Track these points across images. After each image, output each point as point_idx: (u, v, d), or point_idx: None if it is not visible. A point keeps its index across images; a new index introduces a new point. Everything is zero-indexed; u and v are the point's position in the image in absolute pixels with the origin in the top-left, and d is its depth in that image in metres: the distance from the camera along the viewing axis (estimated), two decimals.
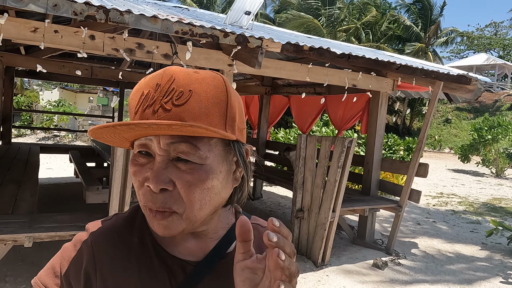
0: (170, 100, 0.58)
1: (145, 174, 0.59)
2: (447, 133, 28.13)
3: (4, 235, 2.83)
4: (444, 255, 4.97)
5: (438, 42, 29.02)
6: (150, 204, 0.59)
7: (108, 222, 0.71)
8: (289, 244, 0.50)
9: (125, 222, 0.70)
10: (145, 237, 0.68)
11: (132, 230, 0.69)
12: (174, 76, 0.59)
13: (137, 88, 0.62)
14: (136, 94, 0.61)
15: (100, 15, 2.51)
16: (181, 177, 0.58)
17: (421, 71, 4.08)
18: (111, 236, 0.68)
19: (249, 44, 3.05)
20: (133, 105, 0.61)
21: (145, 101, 0.59)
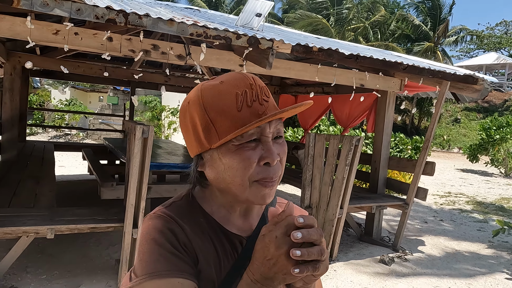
0: (265, 94, 0.76)
1: (259, 154, 0.74)
2: (456, 133, 27.98)
3: (27, 227, 2.99)
4: (450, 252, 5.04)
5: (447, 41, 28.85)
6: (269, 175, 0.74)
7: (173, 208, 0.80)
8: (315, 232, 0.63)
9: (186, 207, 0.82)
10: (208, 218, 0.81)
11: (194, 212, 0.81)
12: (253, 76, 0.78)
13: (222, 90, 0.74)
14: (227, 95, 0.74)
15: (120, 18, 2.65)
16: (281, 149, 0.77)
17: (428, 71, 4.16)
18: (183, 217, 0.78)
19: (260, 45, 3.17)
20: (231, 104, 0.73)
21: (247, 98, 0.73)
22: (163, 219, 0.77)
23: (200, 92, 0.76)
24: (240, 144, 0.74)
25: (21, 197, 3.67)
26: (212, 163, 0.77)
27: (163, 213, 0.79)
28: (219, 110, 0.74)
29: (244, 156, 0.73)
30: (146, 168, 3.03)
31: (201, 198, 0.85)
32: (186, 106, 0.79)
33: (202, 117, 0.75)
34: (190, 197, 0.85)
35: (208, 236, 0.80)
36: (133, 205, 3.09)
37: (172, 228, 0.76)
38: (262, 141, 0.74)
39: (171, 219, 0.77)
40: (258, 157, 0.74)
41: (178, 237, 0.75)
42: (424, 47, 26.16)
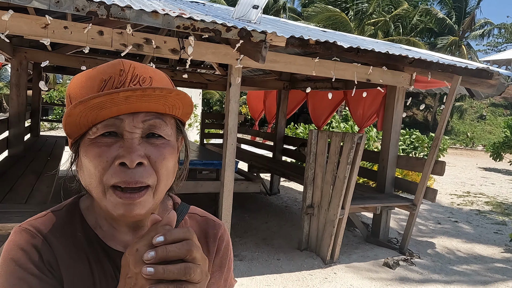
0: (138, 83, 0.63)
1: (114, 153, 0.61)
2: (481, 130, 27.02)
3: (15, 224, 2.96)
4: (462, 256, 4.79)
5: (473, 35, 27.84)
6: (126, 179, 0.60)
7: (46, 220, 0.70)
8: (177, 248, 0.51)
9: (65, 218, 0.71)
10: (88, 232, 0.71)
11: (73, 225, 0.70)
12: (134, 65, 0.64)
13: (89, 75, 0.63)
14: (91, 80, 0.62)
15: (102, 11, 2.57)
16: (155, 150, 0.63)
17: (437, 65, 3.92)
18: (56, 231, 0.69)
19: (252, 38, 3.03)
20: (91, 90, 0.61)
21: (110, 84, 0.61)
22: (27, 234, 0.67)
23: (70, 82, 0.67)
24: (95, 138, 0.62)
25: (16, 193, 3.67)
26: (78, 162, 0.67)
27: (30, 226, 0.69)
28: (76, 97, 0.63)
29: (95, 152, 0.62)
30: None
31: (86, 208, 0.74)
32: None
33: (67, 105, 0.66)
34: (73, 206, 0.74)
35: (84, 255, 0.68)
36: None
37: (35, 244, 0.65)
38: (124, 137, 0.62)
39: (38, 234, 0.67)
40: (114, 156, 0.61)
41: (43, 256, 0.65)
42: (448, 41, 25.31)
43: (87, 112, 0.59)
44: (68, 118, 0.60)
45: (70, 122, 0.61)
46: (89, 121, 0.61)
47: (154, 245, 0.51)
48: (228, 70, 3.88)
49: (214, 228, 0.83)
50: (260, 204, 6.57)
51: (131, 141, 0.62)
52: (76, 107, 0.57)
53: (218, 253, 0.81)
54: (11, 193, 3.64)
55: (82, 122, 0.61)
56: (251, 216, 5.76)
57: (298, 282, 3.68)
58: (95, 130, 0.62)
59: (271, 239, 4.81)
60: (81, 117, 0.59)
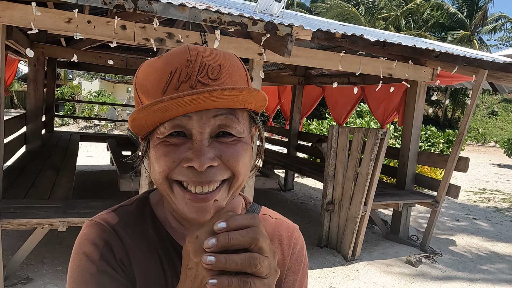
0: (206, 75, 0.57)
1: (182, 155, 0.57)
2: (493, 126, 26.70)
3: (41, 219, 2.96)
4: (484, 254, 4.71)
5: (485, 30, 27.42)
6: (195, 179, 0.57)
7: (117, 214, 0.68)
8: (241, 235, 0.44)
9: (135, 214, 0.68)
10: (160, 230, 0.67)
11: (144, 221, 0.68)
12: (202, 53, 0.58)
13: (157, 67, 0.58)
14: (157, 73, 0.58)
15: (129, 4, 2.53)
16: (227, 149, 0.58)
17: (463, 59, 3.83)
18: (128, 227, 0.66)
19: (279, 32, 2.98)
20: (158, 85, 0.57)
21: (176, 78, 0.56)
22: (99, 228, 0.64)
23: (138, 69, 0.62)
24: (163, 138, 0.58)
25: (38, 188, 3.67)
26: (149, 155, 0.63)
27: (102, 220, 0.65)
28: (145, 91, 0.59)
29: (162, 152, 0.57)
30: None
31: (156, 204, 0.70)
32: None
33: (135, 98, 0.62)
34: (143, 201, 0.70)
35: (156, 253, 0.65)
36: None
37: (108, 240, 0.63)
38: (193, 138, 0.57)
39: (110, 228, 0.64)
40: (182, 158, 0.57)
41: (115, 252, 0.62)
42: (459, 35, 24.96)
43: (152, 115, 0.55)
44: (133, 121, 0.56)
45: (136, 125, 0.58)
46: (156, 121, 0.57)
47: (215, 232, 0.45)
48: (250, 65, 3.82)
49: (288, 231, 0.78)
50: (275, 201, 6.53)
51: (200, 142, 0.57)
52: (140, 112, 0.54)
53: (292, 256, 0.77)
54: (34, 189, 3.64)
55: (148, 123, 0.57)
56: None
57: (321, 280, 3.64)
58: (163, 130, 0.58)
59: None
60: (146, 119, 0.56)
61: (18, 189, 3.56)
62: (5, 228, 2.92)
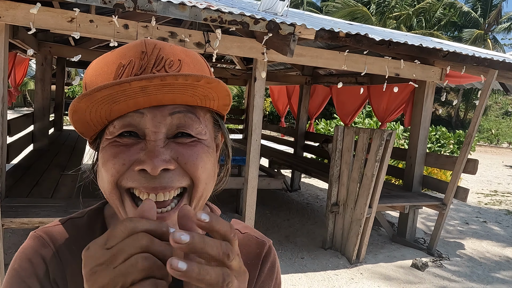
0: (163, 68, 0.51)
1: (133, 156, 0.50)
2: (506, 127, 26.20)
3: (43, 218, 2.96)
4: (494, 259, 4.60)
5: (499, 28, 26.92)
6: (147, 185, 0.49)
7: (64, 228, 0.62)
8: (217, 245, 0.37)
9: (84, 227, 0.62)
10: None
11: (93, 236, 0.60)
12: (159, 46, 0.53)
13: (107, 60, 0.53)
14: (108, 66, 0.52)
15: (128, 3, 2.51)
16: (185, 150, 0.52)
17: (472, 59, 3.74)
18: (72, 243, 0.60)
19: (281, 31, 2.93)
20: (107, 78, 0.51)
21: (128, 70, 0.50)
22: (39, 243, 0.59)
23: (89, 65, 0.56)
24: (112, 138, 0.52)
25: (42, 187, 3.69)
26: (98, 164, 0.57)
27: (45, 233, 0.60)
28: (92, 84, 0.53)
29: (110, 153, 0.51)
30: None
31: (110, 216, 0.64)
32: None
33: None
34: (96, 212, 0.64)
35: None
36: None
37: (45, 257, 0.57)
38: (146, 138, 0.51)
39: (51, 244, 0.59)
40: (133, 160, 0.50)
41: (50, 271, 0.57)
42: (473, 35, 24.55)
43: (97, 107, 0.48)
44: (75, 114, 0.49)
45: (78, 119, 0.50)
46: (103, 118, 0.51)
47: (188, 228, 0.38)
48: (253, 65, 3.79)
49: (257, 247, 0.70)
50: (281, 201, 6.49)
51: (154, 143, 0.50)
52: (80, 101, 0.47)
53: (260, 276, 0.68)
54: (37, 187, 3.66)
55: (94, 118, 0.51)
56: (272, 213, 5.69)
57: (324, 282, 3.59)
58: (113, 130, 0.51)
59: (294, 236, 4.73)
60: (91, 113, 0.49)
61: (22, 188, 3.58)
62: (7, 226, 2.93)
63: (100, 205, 0.66)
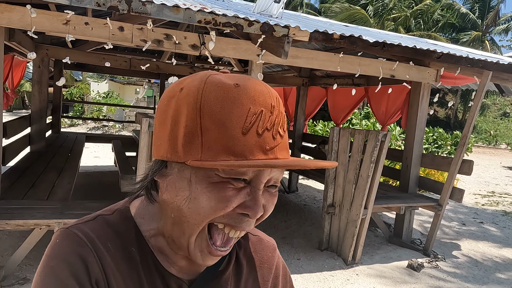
0: (282, 127, 0.56)
1: (242, 200, 0.55)
2: (505, 128, 26.26)
3: (38, 220, 2.97)
4: (490, 260, 4.61)
5: (496, 30, 27.01)
6: (235, 225, 0.56)
7: (96, 225, 0.60)
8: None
9: (117, 226, 0.62)
10: (144, 249, 0.61)
11: (126, 236, 0.61)
12: (278, 98, 0.57)
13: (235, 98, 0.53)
14: (237, 106, 0.52)
15: (123, 5, 2.52)
16: (271, 200, 0.58)
17: (466, 60, 3.76)
18: (108, 241, 0.59)
19: (275, 33, 2.95)
20: (237, 121, 0.52)
21: (261, 122, 0.53)
22: (75, 241, 0.56)
23: (203, 85, 0.54)
24: (226, 179, 0.53)
25: (38, 189, 3.69)
26: (175, 181, 0.56)
27: (79, 230, 0.58)
28: (218, 120, 0.52)
29: (224, 195, 0.53)
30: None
31: (140, 216, 0.63)
32: (176, 92, 0.56)
33: (192, 118, 0.53)
34: (125, 212, 0.63)
35: (136, 274, 0.59)
36: None
37: (84, 257, 0.55)
38: (252, 185, 0.55)
39: (88, 242, 0.57)
40: (239, 203, 0.55)
41: (90, 272, 0.55)
42: (471, 36, 24.63)
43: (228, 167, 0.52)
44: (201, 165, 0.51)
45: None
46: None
47: None
48: (249, 66, 3.81)
49: (269, 251, 0.76)
50: (278, 202, 6.43)
51: (258, 193, 0.55)
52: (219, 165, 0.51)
53: (277, 278, 0.75)
54: (33, 189, 3.66)
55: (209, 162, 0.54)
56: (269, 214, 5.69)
57: (319, 283, 3.60)
58: (229, 170, 0.53)
59: (290, 238, 4.74)
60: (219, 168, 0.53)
61: (18, 190, 3.59)
62: (2, 228, 2.93)
63: (126, 203, 0.65)
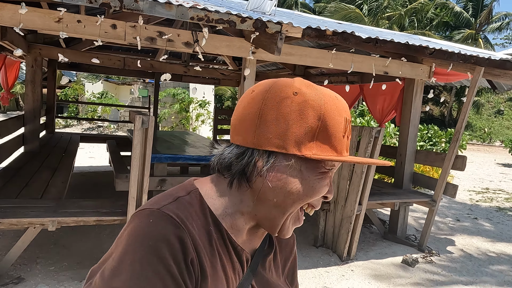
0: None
1: (329, 186, 0.68)
2: (499, 125, 26.44)
3: (32, 219, 2.96)
4: (484, 254, 4.64)
5: (490, 28, 27.16)
6: (318, 207, 0.71)
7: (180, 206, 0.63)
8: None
9: (195, 207, 0.65)
10: (219, 227, 0.66)
11: (204, 216, 0.65)
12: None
13: (340, 109, 0.67)
14: (340, 116, 0.66)
15: (115, 2, 2.52)
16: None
17: (458, 56, 3.78)
18: (194, 222, 0.62)
19: (268, 29, 2.95)
20: (341, 129, 0.66)
21: (347, 130, 0.67)
22: (171, 223, 0.58)
23: (322, 97, 0.66)
24: (327, 169, 0.67)
25: (32, 188, 3.68)
26: (286, 171, 0.65)
27: (171, 212, 0.59)
28: (333, 124, 0.65)
29: (325, 183, 0.67)
30: (147, 160, 2.91)
31: (209, 196, 0.67)
32: (289, 94, 0.65)
33: (314, 121, 0.64)
34: (196, 193, 0.67)
35: (216, 251, 0.64)
36: (134, 198, 2.99)
37: (182, 238, 0.57)
38: (330, 174, 0.69)
39: (181, 224, 0.59)
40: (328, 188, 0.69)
41: (187, 253, 0.57)
42: (464, 34, 24.77)
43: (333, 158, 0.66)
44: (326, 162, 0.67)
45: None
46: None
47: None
48: (242, 64, 3.81)
49: (291, 237, 0.87)
50: None
51: (331, 179, 0.70)
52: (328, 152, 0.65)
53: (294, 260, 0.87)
54: (27, 189, 3.65)
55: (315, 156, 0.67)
56: None
57: (315, 279, 3.61)
58: (330, 163, 0.67)
59: None
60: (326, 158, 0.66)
61: (11, 189, 3.57)
62: None
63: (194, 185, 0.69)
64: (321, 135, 0.64)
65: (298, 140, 0.63)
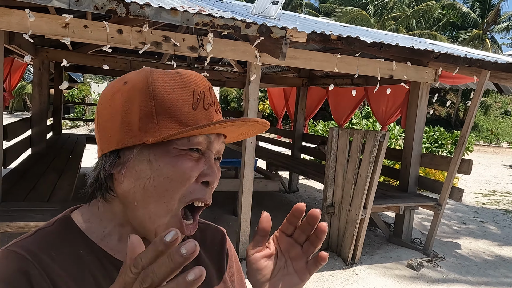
0: (219, 105, 0.66)
1: (201, 169, 0.60)
2: (506, 126, 26.19)
3: (38, 222, 2.99)
4: (489, 258, 4.61)
5: (497, 28, 26.93)
6: (203, 197, 0.61)
7: (36, 238, 0.60)
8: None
9: (59, 235, 0.61)
10: (92, 247, 0.62)
11: (72, 241, 0.61)
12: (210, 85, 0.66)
13: (180, 82, 0.60)
14: (182, 88, 0.60)
15: (121, 9, 2.54)
16: (219, 173, 0.63)
17: (464, 60, 3.76)
18: (51, 250, 0.58)
19: (272, 34, 2.96)
20: (187, 99, 0.59)
21: (204, 99, 0.61)
22: (14, 259, 0.55)
23: (149, 74, 0.60)
24: (184, 150, 0.59)
25: (39, 191, 3.71)
26: (135, 165, 0.58)
27: (17, 248, 0.56)
28: (170, 100, 0.59)
29: (186, 165, 0.58)
30: None
31: (87, 221, 0.64)
32: (120, 86, 0.61)
33: (145, 102, 0.58)
34: (66, 220, 0.63)
35: (89, 273, 0.59)
36: None
37: (26, 270, 0.54)
38: (206, 156, 0.61)
39: (27, 255, 0.55)
40: (199, 173, 0.60)
41: (33, 284, 0.53)
42: (471, 35, 24.59)
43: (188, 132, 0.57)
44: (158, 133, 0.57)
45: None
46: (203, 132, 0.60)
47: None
48: (247, 68, 3.82)
49: (219, 234, 0.81)
50: (279, 203, 6.51)
51: (212, 161, 0.62)
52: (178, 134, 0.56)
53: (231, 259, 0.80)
54: (34, 191, 3.68)
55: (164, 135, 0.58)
56: (270, 214, 5.68)
57: (319, 283, 3.61)
58: (186, 142, 0.59)
59: None
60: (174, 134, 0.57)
61: (19, 192, 3.61)
62: (3, 231, 2.95)
63: (66, 213, 0.66)
64: (162, 115, 0.57)
65: (136, 128, 0.57)
